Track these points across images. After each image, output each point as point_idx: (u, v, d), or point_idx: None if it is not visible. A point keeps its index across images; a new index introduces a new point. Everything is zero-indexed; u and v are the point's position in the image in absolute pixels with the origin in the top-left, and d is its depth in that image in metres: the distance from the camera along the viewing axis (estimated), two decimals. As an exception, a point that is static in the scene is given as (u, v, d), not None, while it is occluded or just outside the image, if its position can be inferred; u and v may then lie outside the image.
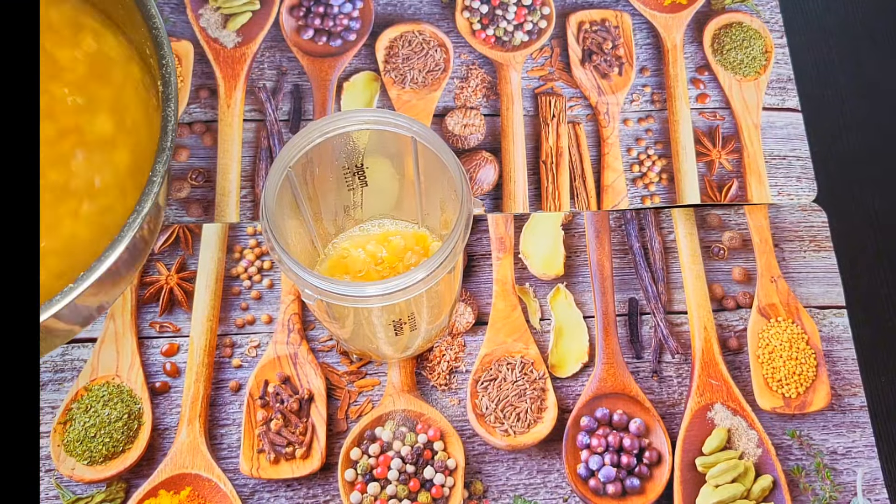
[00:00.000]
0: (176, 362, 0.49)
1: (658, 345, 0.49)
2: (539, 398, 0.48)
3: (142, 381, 0.48)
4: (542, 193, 0.53)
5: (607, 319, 0.50)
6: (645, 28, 0.58)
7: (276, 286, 0.50)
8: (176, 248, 0.51)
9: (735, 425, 0.47)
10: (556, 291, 0.51)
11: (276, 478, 0.46)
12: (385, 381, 0.48)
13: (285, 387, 0.48)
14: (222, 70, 0.56)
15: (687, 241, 0.52)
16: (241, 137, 0.55)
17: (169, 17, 0.58)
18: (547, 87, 0.56)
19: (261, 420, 0.47)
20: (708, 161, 0.54)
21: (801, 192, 0.54)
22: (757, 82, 0.57)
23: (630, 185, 0.54)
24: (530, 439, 0.47)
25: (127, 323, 0.49)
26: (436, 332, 0.47)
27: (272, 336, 0.49)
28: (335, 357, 0.49)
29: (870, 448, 0.47)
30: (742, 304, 0.50)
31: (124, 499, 0.45)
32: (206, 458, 0.46)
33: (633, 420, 0.47)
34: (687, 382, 0.48)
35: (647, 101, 0.56)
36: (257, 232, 0.52)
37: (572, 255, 0.52)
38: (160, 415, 0.47)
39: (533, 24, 0.58)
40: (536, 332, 0.50)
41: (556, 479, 0.46)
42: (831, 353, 0.49)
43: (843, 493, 0.46)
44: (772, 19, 0.59)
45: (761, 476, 0.46)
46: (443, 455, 0.46)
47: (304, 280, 0.37)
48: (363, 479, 0.46)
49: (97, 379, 0.48)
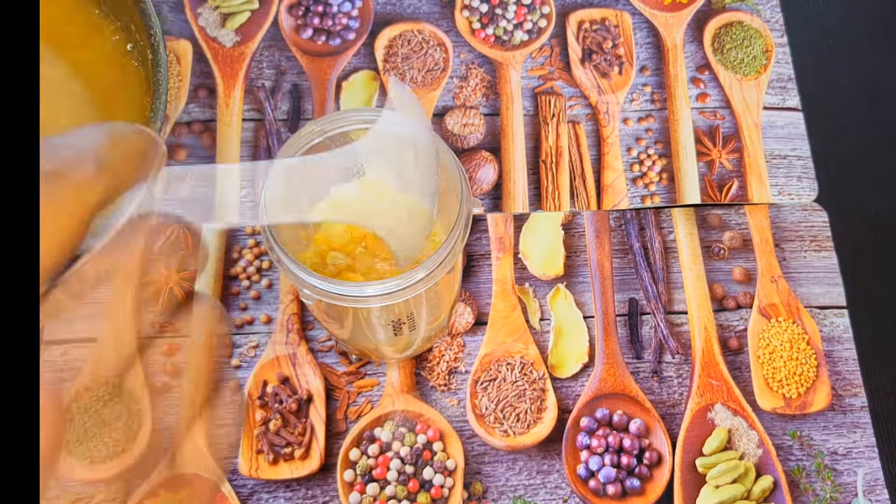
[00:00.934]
0: (176, 362, 0.48)
1: (658, 345, 0.49)
2: (539, 399, 0.48)
3: (142, 380, 0.48)
4: (542, 193, 0.53)
5: (607, 319, 0.50)
6: (645, 27, 0.58)
7: (274, 286, 0.50)
8: (176, 247, 0.51)
9: (735, 426, 0.47)
10: (556, 291, 0.50)
11: (274, 478, 0.46)
12: (384, 382, 0.48)
13: (284, 387, 0.48)
14: (221, 69, 0.56)
15: (687, 240, 0.52)
16: (240, 137, 0.54)
17: (167, 17, 0.58)
18: (547, 86, 0.56)
19: (259, 420, 0.47)
20: (708, 161, 0.54)
21: (801, 192, 0.53)
22: (757, 82, 0.57)
23: (630, 184, 0.53)
24: (530, 440, 0.47)
25: (127, 322, 0.49)
26: (435, 332, 0.47)
27: (271, 336, 0.49)
28: (334, 357, 0.49)
29: (870, 448, 0.47)
30: (742, 304, 0.50)
31: (124, 499, 0.45)
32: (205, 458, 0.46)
33: (633, 420, 0.47)
34: (687, 383, 0.48)
35: (648, 101, 0.56)
36: (256, 232, 0.52)
37: (572, 255, 0.52)
38: (160, 415, 0.47)
39: (533, 24, 0.58)
40: (536, 332, 0.49)
41: (556, 479, 0.46)
42: (832, 354, 0.49)
43: (844, 493, 0.46)
44: (772, 18, 0.58)
45: (762, 477, 0.46)
46: (442, 456, 0.46)
47: (302, 280, 0.37)
48: (362, 479, 0.46)
49: (97, 378, 0.48)
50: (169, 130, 0.55)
